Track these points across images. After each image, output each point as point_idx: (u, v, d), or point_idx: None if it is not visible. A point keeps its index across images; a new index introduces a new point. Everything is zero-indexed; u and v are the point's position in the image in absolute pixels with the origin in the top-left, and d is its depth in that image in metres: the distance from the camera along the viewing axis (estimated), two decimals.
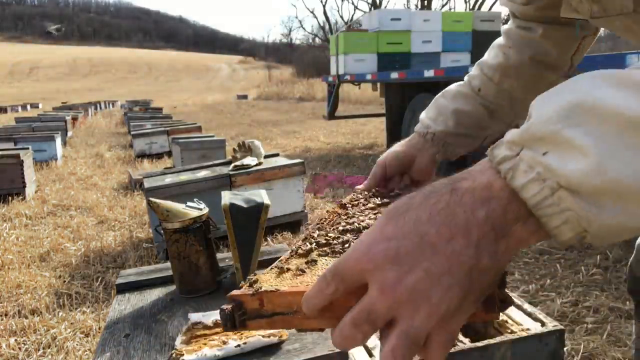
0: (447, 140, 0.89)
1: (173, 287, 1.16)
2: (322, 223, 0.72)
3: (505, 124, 0.91)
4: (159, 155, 7.18)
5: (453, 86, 0.95)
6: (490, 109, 0.90)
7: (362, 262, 0.37)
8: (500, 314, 0.52)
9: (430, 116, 0.92)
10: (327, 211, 0.79)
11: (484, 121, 0.90)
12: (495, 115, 0.90)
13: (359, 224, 0.69)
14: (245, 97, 27.22)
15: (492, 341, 1.22)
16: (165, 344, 0.91)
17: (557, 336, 0.86)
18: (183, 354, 0.83)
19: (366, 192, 0.88)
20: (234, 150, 3.60)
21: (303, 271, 0.54)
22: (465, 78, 0.96)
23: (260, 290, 0.50)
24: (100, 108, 19.90)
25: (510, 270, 2.68)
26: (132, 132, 7.63)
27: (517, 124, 0.83)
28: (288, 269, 0.57)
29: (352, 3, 54.39)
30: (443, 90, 0.95)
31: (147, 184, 3.06)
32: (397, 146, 0.91)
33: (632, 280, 0.94)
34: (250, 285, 0.53)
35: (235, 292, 0.51)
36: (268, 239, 3.32)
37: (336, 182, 0.87)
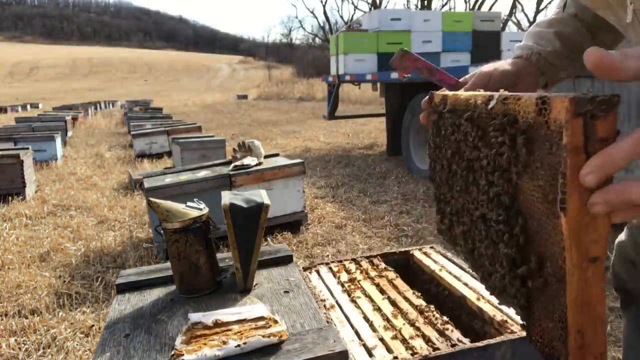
0: (553, 62, 0.87)
1: (173, 287, 1.16)
2: None
3: (606, 46, 0.84)
4: (159, 155, 7.18)
5: (545, 18, 0.92)
6: (591, 30, 0.87)
7: None
8: (500, 313, 0.52)
9: (530, 41, 0.89)
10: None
11: (586, 43, 0.85)
12: (596, 37, 0.87)
13: None
14: (245, 97, 27.22)
15: (492, 341, 1.22)
16: (165, 344, 0.91)
17: None
18: (183, 354, 0.83)
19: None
20: (234, 150, 3.60)
21: None
22: (553, 14, 0.92)
23: None
24: (100, 108, 19.90)
25: None
26: (132, 132, 7.63)
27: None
28: None
29: (352, 3, 54.46)
30: (535, 23, 0.93)
31: (147, 184, 3.06)
32: (503, 64, 0.87)
33: (615, 278, 0.96)
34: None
35: None
36: (268, 239, 3.32)
37: (425, 71, 0.84)
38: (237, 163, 3.33)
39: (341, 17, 44.27)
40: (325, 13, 64.36)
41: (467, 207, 0.68)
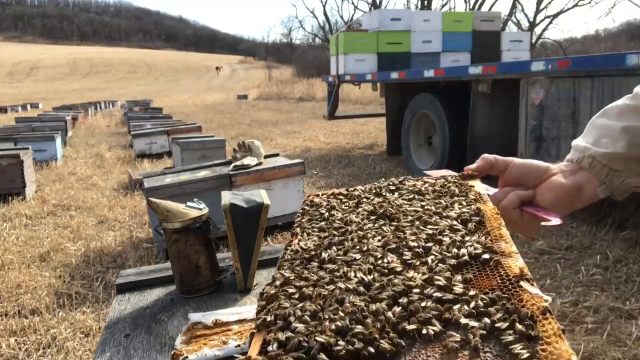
0: (614, 166, 0.68)
1: (173, 287, 1.16)
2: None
3: None
4: (159, 155, 7.18)
5: (617, 103, 0.72)
6: None
7: None
8: None
9: (587, 140, 0.72)
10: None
11: None
12: None
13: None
14: (245, 97, 27.22)
15: None
16: (165, 344, 0.91)
17: None
18: (183, 354, 0.83)
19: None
20: (234, 150, 3.60)
21: None
22: (635, 91, 0.72)
23: None
24: (100, 108, 19.90)
25: None
26: (132, 132, 7.63)
27: None
28: None
29: (352, 3, 54.47)
30: (601, 110, 0.74)
31: (147, 184, 3.06)
32: (535, 161, 0.75)
33: None
34: None
35: None
36: (268, 239, 3.32)
37: None
38: (237, 163, 3.33)
39: (341, 17, 44.27)
40: (325, 13, 64.38)
41: None
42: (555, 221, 0.67)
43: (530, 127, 3.72)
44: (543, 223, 0.69)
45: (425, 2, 28.78)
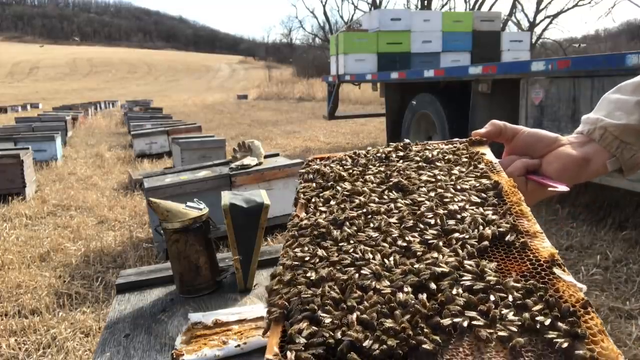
0: (626, 139, 0.67)
1: (173, 287, 1.16)
2: None
3: None
4: (159, 155, 7.18)
5: (633, 80, 0.71)
6: None
7: None
8: None
9: (600, 113, 0.71)
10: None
11: None
12: None
13: None
14: (245, 97, 27.22)
15: None
16: (165, 344, 0.91)
17: None
18: (183, 354, 0.83)
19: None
20: (234, 150, 3.60)
21: None
22: None
23: None
24: (100, 108, 19.90)
25: None
26: (132, 132, 7.63)
27: None
28: None
29: (352, 3, 54.44)
30: (616, 87, 0.73)
31: (147, 184, 3.06)
32: (543, 131, 0.74)
33: None
34: None
35: None
36: (268, 239, 3.32)
37: None
38: (237, 163, 3.33)
39: (341, 17, 44.28)
40: (325, 13, 64.39)
41: None
42: (562, 188, 0.66)
43: (530, 127, 3.72)
44: (550, 189, 0.68)
45: (425, 2, 28.78)
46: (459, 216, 0.61)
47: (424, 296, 0.49)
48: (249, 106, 19.84)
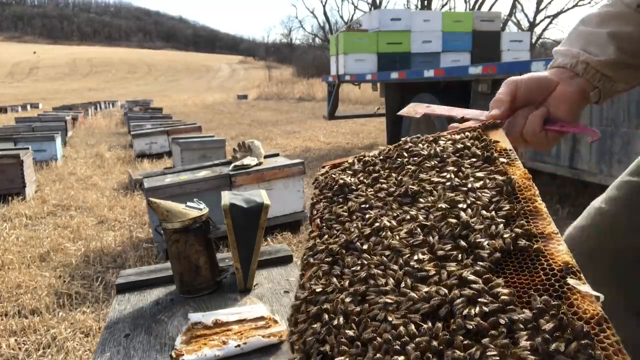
0: (607, 73, 0.70)
1: (173, 287, 1.16)
2: None
3: None
4: (159, 155, 7.18)
5: (595, 10, 0.74)
6: None
7: None
8: None
9: (575, 45, 0.73)
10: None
11: None
12: None
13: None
14: (245, 97, 27.22)
15: None
16: (165, 344, 0.91)
17: None
18: (183, 354, 0.83)
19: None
20: (234, 150, 3.60)
21: None
22: (605, 4, 0.75)
23: None
24: (100, 108, 19.90)
25: None
26: (132, 132, 7.63)
27: None
28: None
29: (352, 3, 54.48)
30: (579, 20, 0.76)
31: (147, 184, 3.06)
32: (537, 73, 0.74)
33: None
34: None
35: None
36: (268, 239, 3.32)
37: (445, 110, 0.74)
38: (237, 163, 3.33)
39: (341, 17, 44.26)
40: (325, 13, 64.35)
41: None
42: (596, 133, 0.70)
43: None
44: (588, 139, 0.72)
45: (425, 2, 28.78)
46: (470, 222, 0.59)
47: (436, 325, 0.49)
48: (249, 106, 19.84)
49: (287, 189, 3.40)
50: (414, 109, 0.87)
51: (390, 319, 0.52)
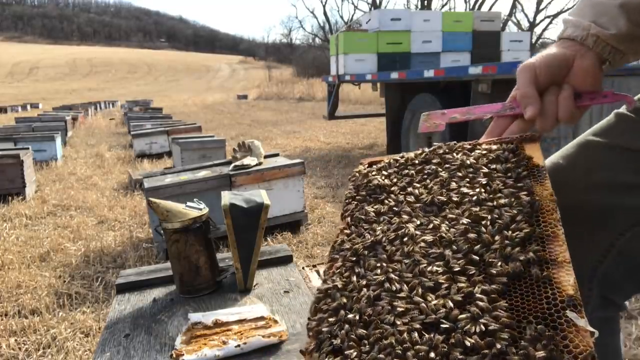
0: (617, 46, 0.69)
1: (173, 287, 1.16)
2: None
3: None
4: (159, 155, 7.18)
5: None
6: None
7: None
8: None
9: (586, 16, 0.72)
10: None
11: None
12: None
13: None
14: (245, 97, 27.22)
15: None
16: (165, 344, 0.91)
17: None
18: (183, 354, 0.83)
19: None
20: (234, 150, 3.60)
21: None
22: None
23: None
24: (100, 108, 19.90)
25: None
26: (132, 132, 7.63)
27: None
28: None
29: (352, 3, 54.47)
30: None
31: (147, 184, 3.06)
32: (548, 50, 0.73)
33: None
34: None
35: None
36: (268, 239, 3.32)
37: (461, 113, 0.75)
38: (237, 163, 3.33)
39: (341, 17, 44.27)
40: (325, 13, 64.40)
41: None
42: (632, 100, 0.71)
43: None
44: (625, 108, 0.72)
45: (425, 2, 28.78)
46: (489, 240, 0.61)
47: (437, 337, 0.52)
48: (249, 106, 19.83)
49: (287, 189, 3.40)
50: (433, 122, 0.87)
51: (398, 323, 0.56)
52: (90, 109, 16.24)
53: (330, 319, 0.62)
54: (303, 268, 2.68)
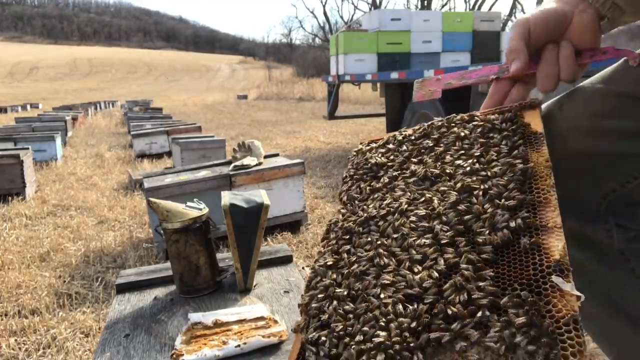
0: (618, 2, 0.67)
1: (173, 287, 1.16)
2: None
3: None
4: (159, 155, 7.18)
5: None
6: None
7: None
8: None
9: None
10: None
11: None
12: None
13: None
14: (245, 97, 27.22)
15: None
16: (165, 344, 0.91)
17: None
18: (183, 354, 0.83)
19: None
20: (234, 150, 3.60)
21: None
22: None
23: None
24: (100, 108, 19.89)
25: None
26: (132, 132, 7.63)
27: None
28: None
29: (352, 3, 54.50)
30: None
31: (147, 184, 3.06)
32: (545, 5, 0.70)
33: None
34: None
35: None
36: (268, 239, 3.32)
37: (456, 78, 0.73)
38: (237, 163, 3.33)
39: (341, 17, 44.34)
40: (325, 13, 64.41)
41: None
42: (636, 56, 0.68)
43: None
44: (631, 63, 0.69)
45: (425, 2, 28.79)
46: (479, 210, 0.61)
47: (421, 307, 0.53)
48: (249, 106, 19.83)
49: (287, 189, 3.40)
50: (428, 90, 0.86)
51: (382, 296, 0.57)
52: (90, 109, 16.24)
53: (320, 296, 0.64)
54: (303, 268, 2.68)
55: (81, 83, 55.89)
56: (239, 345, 0.86)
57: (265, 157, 3.64)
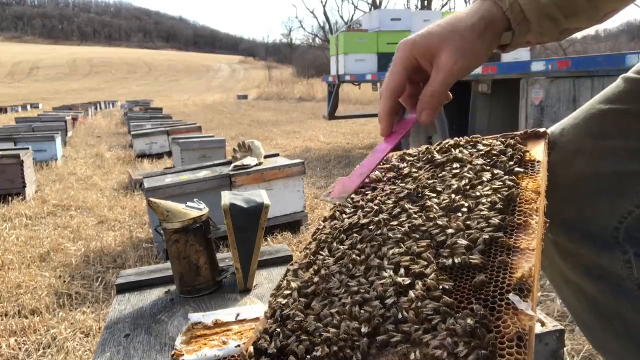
0: (530, 15, 0.62)
1: (173, 287, 1.16)
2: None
3: (586, 20, 0.64)
4: (159, 155, 7.18)
5: None
6: None
7: None
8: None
9: None
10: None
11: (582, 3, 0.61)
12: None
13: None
14: (245, 97, 27.23)
15: None
16: (165, 344, 0.91)
17: (557, 336, 0.85)
18: (183, 354, 0.83)
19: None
20: (234, 150, 3.60)
21: None
22: None
23: None
24: (100, 108, 19.90)
25: None
26: (132, 132, 7.63)
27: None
28: None
29: (352, 3, 54.54)
30: None
31: (147, 184, 3.06)
32: (423, 32, 0.66)
33: None
34: None
35: None
36: (268, 239, 3.32)
37: (357, 181, 0.71)
38: (237, 163, 3.33)
39: (341, 17, 44.39)
40: (325, 13, 64.53)
41: None
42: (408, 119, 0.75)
43: (530, 127, 3.72)
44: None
45: (425, 2, 28.80)
46: (458, 227, 0.63)
47: (375, 311, 0.55)
48: (249, 106, 19.83)
49: (287, 189, 3.40)
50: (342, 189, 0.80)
51: (345, 297, 0.60)
52: (90, 109, 16.24)
53: (286, 292, 0.68)
54: None
55: (81, 83, 55.89)
56: (239, 345, 0.86)
57: (265, 157, 3.64)
